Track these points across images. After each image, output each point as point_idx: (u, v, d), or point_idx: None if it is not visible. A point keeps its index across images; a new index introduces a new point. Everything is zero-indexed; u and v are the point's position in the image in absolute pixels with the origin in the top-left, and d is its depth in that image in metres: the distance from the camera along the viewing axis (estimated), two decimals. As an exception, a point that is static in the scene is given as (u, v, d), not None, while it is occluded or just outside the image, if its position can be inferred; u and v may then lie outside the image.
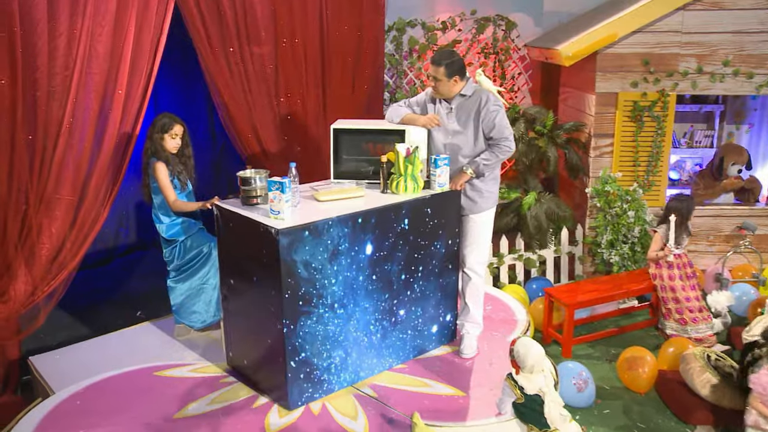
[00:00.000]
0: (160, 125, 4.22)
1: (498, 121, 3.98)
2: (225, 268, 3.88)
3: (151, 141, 4.23)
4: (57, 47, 3.84)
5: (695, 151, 6.83)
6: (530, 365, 3.18)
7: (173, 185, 4.24)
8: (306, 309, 3.52)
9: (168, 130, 4.22)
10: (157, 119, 4.25)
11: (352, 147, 4.15)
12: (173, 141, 4.24)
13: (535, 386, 3.24)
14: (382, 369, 4.04)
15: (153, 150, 4.22)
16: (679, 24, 5.57)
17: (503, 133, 3.99)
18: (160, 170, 4.18)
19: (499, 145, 4.00)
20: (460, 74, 3.97)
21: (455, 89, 4.03)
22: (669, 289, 5.17)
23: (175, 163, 4.27)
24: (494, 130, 3.99)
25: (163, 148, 4.22)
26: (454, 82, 3.98)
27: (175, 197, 4.22)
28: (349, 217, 3.58)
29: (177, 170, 4.28)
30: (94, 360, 4.21)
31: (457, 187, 4.07)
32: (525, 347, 3.18)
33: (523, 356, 3.17)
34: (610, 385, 4.69)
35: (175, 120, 4.25)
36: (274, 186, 3.43)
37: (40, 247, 4.04)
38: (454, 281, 4.28)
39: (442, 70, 3.92)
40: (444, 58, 3.94)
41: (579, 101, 6.18)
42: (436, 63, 3.94)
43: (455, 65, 3.94)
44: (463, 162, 4.10)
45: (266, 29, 4.95)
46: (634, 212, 5.69)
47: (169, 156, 4.25)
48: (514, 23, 6.45)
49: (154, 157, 4.22)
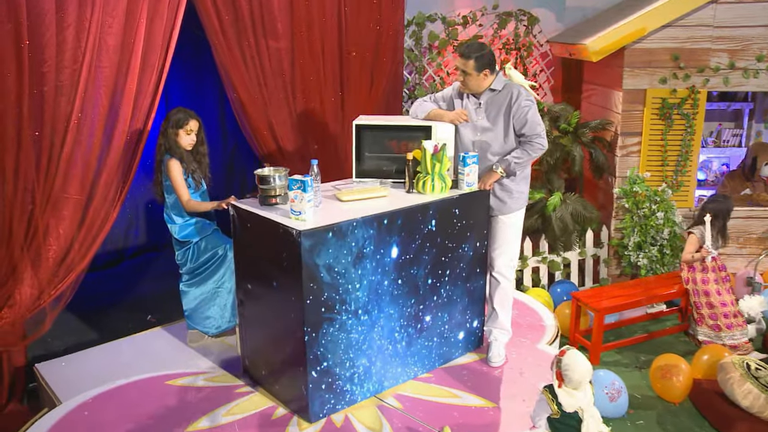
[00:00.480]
0: (174, 120, 4.02)
1: (530, 116, 3.77)
2: (241, 272, 3.68)
3: (164, 137, 4.04)
4: (65, 39, 3.65)
5: (722, 151, 6.61)
6: (576, 381, 2.97)
7: (187, 184, 4.04)
8: (328, 316, 3.31)
9: (183, 125, 4.02)
10: (172, 114, 4.06)
11: (374, 144, 3.94)
12: (188, 137, 4.05)
13: (575, 403, 3.03)
14: (406, 378, 3.83)
15: (167, 146, 4.03)
16: (711, 17, 5.34)
17: (535, 129, 3.78)
18: (173, 168, 3.99)
19: (531, 143, 3.79)
20: (490, 68, 3.77)
21: (485, 84, 3.82)
22: (703, 293, 4.95)
23: (189, 160, 4.08)
24: (526, 126, 3.78)
25: (178, 144, 4.02)
26: (483, 76, 3.78)
27: (188, 197, 4.03)
28: (375, 218, 3.37)
29: (191, 168, 4.08)
30: (102, 367, 4.02)
31: (486, 187, 3.86)
32: (574, 361, 2.97)
33: (570, 370, 2.96)
34: (641, 394, 4.48)
35: (190, 115, 4.06)
36: (296, 185, 3.22)
37: (47, 248, 3.86)
38: (481, 285, 4.07)
39: (472, 63, 3.72)
40: (473, 50, 3.74)
41: (604, 98, 5.96)
42: (465, 56, 3.74)
43: (485, 58, 3.74)
44: (492, 160, 3.89)
45: (283, 22, 4.76)
46: (663, 213, 5.47)
47: (183, 153, 4.05)
48: (536, 18, 6.23)
49: (168, 154, 4.03)
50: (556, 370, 3.07)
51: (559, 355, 3.06)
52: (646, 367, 4.79)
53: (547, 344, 4.31)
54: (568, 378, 3.02)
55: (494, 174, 3.83)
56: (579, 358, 3.02)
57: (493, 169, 3.83)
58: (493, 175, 3.84)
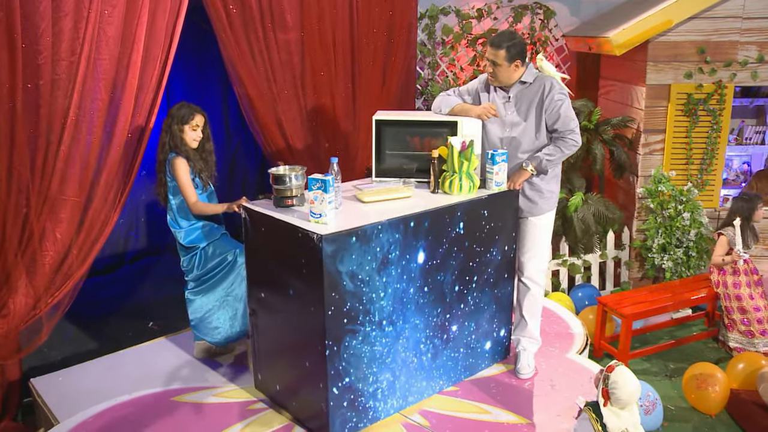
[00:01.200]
0: (179, 116, 3.76)
1: (563, 111, 3.52)
2: (254, 279, 3.41)
3: (168, 134, 3.77)
4: (62, 29, 3.40)
5: (744, 149, 6.36)
6: (624, 401, 2.75)
7: (194, 184, 3.77)
8: (351, 327, 3.05)
9: (188, 121, 3.76)
10: (175, 109, 3.79)
11: (395, 141, 3.67)
12: (194, 133, 3.79)
13: (621, 425, 2.80)
14: (432, 392, 3.57)
15: (172, 144, 3.76)
16: (740, 9, 5.10)
17: (569, 125, 3.53)
18: (180, 167, 3.72)
19: (564, 139, 3.54)
20: (521, 58, 3.52)
21: (515, 75, 3.57)
22: (734, 297, 4.71)
23: (196, 159, 3.81)
24: (559, 121, 3.52)
25: (183, 141, 3.76)
26: (514, 67, 3.53)
27: (196, 198, 3.76)
28: (401, 221, 3.11)
29: (198, 167, 3.81)
30: (103, 382, 3.74)
31: (516, 187, 3.60)
32: (624, 379, 2.74)
33: (618, 389, 2.73)
34: (675, 406, 4.24)
35: (195, 110, 3.79)
36: (316, 185, 2.96)
37: (43, 254, 3.62)
38: (509, 292, 3.81)
39: (503, 53, 3.46)
40: (505, 39, 3.48)
41: (624, 94, 5.72)
42: (496, 45, 3.48)
43: (517, 48, 3.48)
44: (522, 158, 3.63)
45: (292, 14, 4.50)
46: (689, 214, 5.22)
47: (189, 151, 3.78)
48: (553, 12, 5.98)
49: (173, 153, 3.76)
50: (603, 387, 2.83)
51: (607, 371, 2.82)
52: (676, 376, 4.56)
53: (577, 353, 4.05)
54: (615, 397, 2.80)
55: (524, 172, 3.58)
56: (629, 376, 2.79)
57: (524, 167, 3.57)
58: (524, 174, 3.58)
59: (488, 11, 5.78)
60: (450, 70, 5.80)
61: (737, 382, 4.20)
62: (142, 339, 4.50)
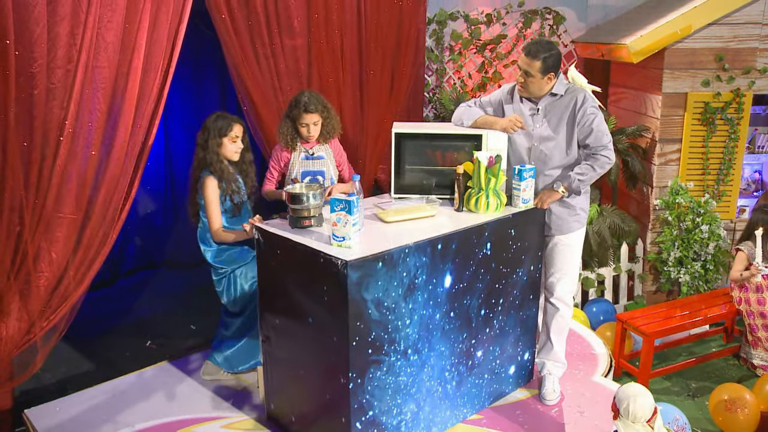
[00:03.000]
0: (216, 128, 3.50)
1: (596, 125, 3.32)
2: (267, 305, 3.18)
3: (204, 150, 3.52)
4: (58, 35, 3.16)
5: (756, 157, 6.22)
6: (632, 413, 2.78)
7: (223, 209, 3.54)
8: (376, 358, 2.83)
9: (227, 133, 3.51)
10: (211, 121, 3.54)
11: (416, 155, 3.46)
12: (234, 145, 3.54)
13: None
14: (456, 421, 3.36)
15: (208, 161, 3.50)
16: (760, 15, 4.96)
17: (602, 140, 3.34)
18: (209, 187, 3.48)
19: (596, 156, 3.34)
20: (555, 71, 3.32)
21: (546, 88, 3.37)
22: (758, 315, 4.56)
23: (229, 180, 3.55)
24: (591, 136, 3.33)
25: (220, 158, 3.51)
26: (548, 80, 3.32)
27: (220, 225, 3.51)
28: (428, 243, 2.90)
29: (230, 190, 3.54)
30: (103, 413, 3.49)
31: (544, 206, 3.41)
32: (622, 390, 2.86)
33: (619, 399, 2.83)
34: (702, 429, 4.07)
35: (233, 120, 3.55)
36: (338, 205, 2.74)
37: (38, 275, 3.37)
38: (534, 314, 3.62)
39: (538, 64, 3.25)
40: (542, 50, 3.26)
41: (637, 103, 5.55)
42: (532, 55, 3.26)
43: (553, 59, 3.27)
44: (550, 174, 3.43)
45: (299, 19, 4.29)
46: (708, 226, 5.06)
47: (225, 169, 3.53)
48: (563, 17, 5.81)
49: (207, 170, 3.51)
50: (612, 403, 2.89)
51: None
52: (699, 395, 4.39)
53: (602, 376, 3.87)
54: (623, 408, 2.81)
55: (555, 193, 3.38)
56: (628, 386, 2.86)
57: (554, 188, 3.38)
58: (554, 195, 3.38)
59: (498, 16, 5.59)
60: (457, 77, 5.61)
61: (766, 404, 4.05)
62: (140, 359, 4.28)
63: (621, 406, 2.81)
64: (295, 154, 3.83)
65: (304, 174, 3.84)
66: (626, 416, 2.80)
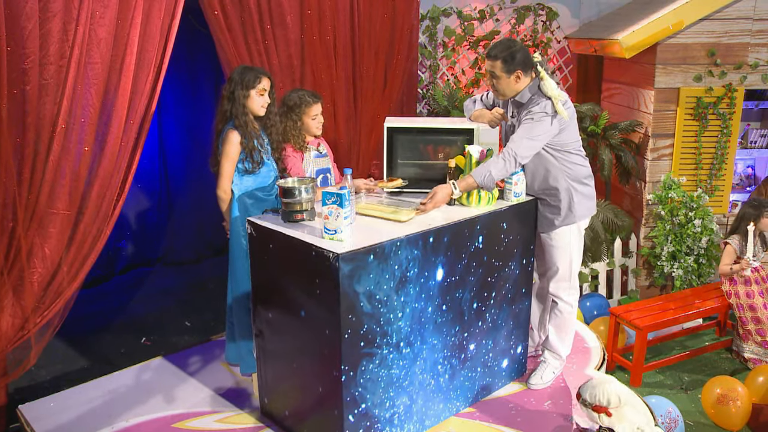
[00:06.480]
0: (245, 81, 3.35)
1: (525, 125, 3.17)
2: (260, 299, 3.19)
3: (231, 101, 3.36)
4: (50, 30, 3.16)
5: (749, 152, 6.25)
6: (606, 398, 2.92)
7: (239, 167, 3.40)
8: (368, 351, 2.85)
9: (255, 85, 3.36)
10: (237, 73, 3.40)
11: (408, 149, 3.47)
12: (261, 99, 3.41)
13: (631, 423, 2.91)
14: (449, 414, 3.37)
15: (234, 113, 3.35)
16: (752, 10, 4.98)
17: (520, 133, 3.17)
18: (231, 143, 3.33)
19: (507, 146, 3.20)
20: (522, 68, 3.21)
21: (519, 86, 3.26)
22: (748, 308, 4.58)
23: (251, 137, 3.38)
24: (516, 131, 3.22)
25: (246, 110, 3.37)
26: (515, 78, 3.22)
27: (228, 185, 3.38)
28: (420, 236, 2.91)
29: (251, 147, 3.37)
30: (97, 408, 3.49)
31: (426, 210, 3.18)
32: (589, 383, 3.02)
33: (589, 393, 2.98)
34: (694, 421, 4.10)
35: (261, 72, 3.42)
36: (330, 199, 2.75)
37: (31, 271, 3.37)
38: (527, 307, 3.63)
39: (499, 64, 3.18)
40: (501, 50, 3.19)
41: (630, 98, 5.57)
42: (492, 56, 3.20)
43: (515, 57, 3.18)
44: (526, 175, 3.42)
45: (292, 15, 4.29)
46: (700, 221, 5.09)
47: (249, 123, 3.38)
48: (556, 13, 5.83)
49: (231, 123, 3.38)
50: (593, 406, 2.97)
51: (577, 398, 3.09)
52: (692, 389, 4.42)
53: (595, 369, 3.88)
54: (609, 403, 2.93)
55: (446, 192, 3.19)
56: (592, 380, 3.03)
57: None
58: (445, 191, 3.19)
59: (491, 12, 5.61)
60: (450, 73, 5.63)
61: (759, 396, 4.07)
62: (135, 356, 4.28)
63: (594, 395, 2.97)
64: (307, 155, 3.74)
65: (318, 172, 3.76)
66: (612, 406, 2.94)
